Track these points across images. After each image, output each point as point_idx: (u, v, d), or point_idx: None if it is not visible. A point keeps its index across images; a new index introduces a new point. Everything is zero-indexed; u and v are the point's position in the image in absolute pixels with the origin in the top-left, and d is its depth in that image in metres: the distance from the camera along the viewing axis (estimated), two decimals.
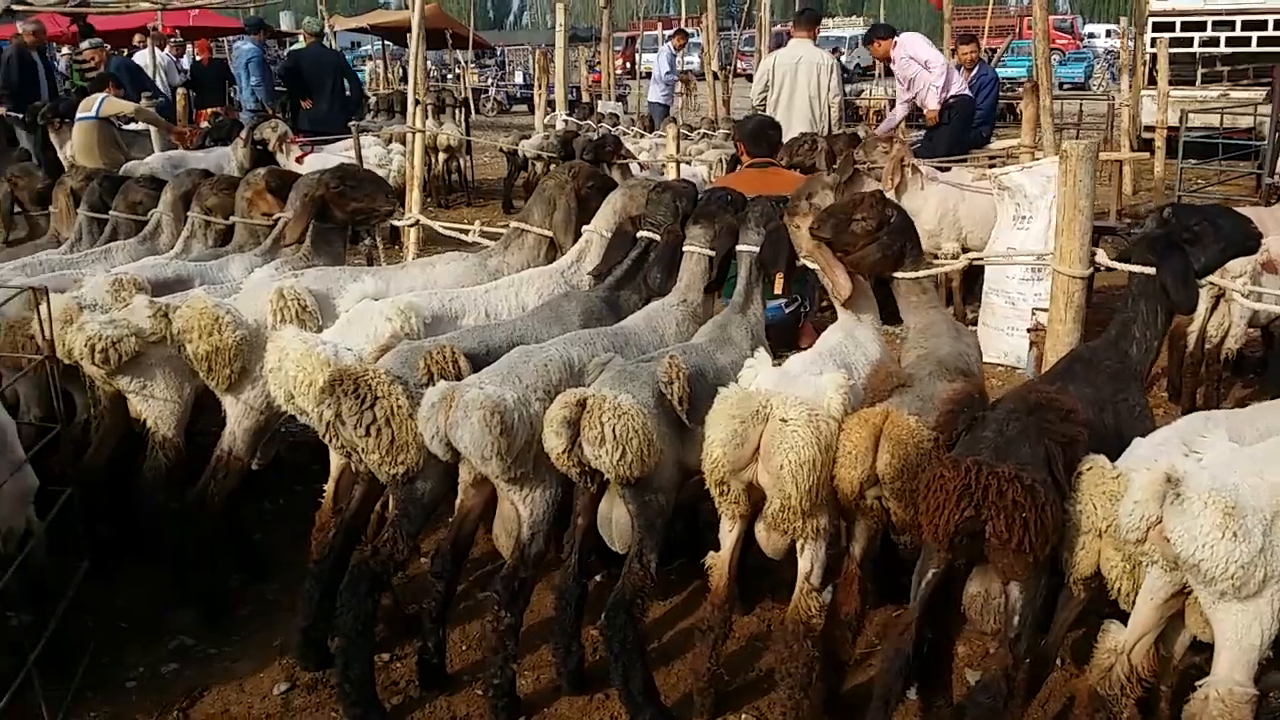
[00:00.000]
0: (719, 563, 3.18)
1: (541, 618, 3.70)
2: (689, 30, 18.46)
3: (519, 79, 35.02)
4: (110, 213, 5.07)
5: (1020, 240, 6.72)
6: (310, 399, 3.21)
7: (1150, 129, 12.96)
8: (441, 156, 13.56)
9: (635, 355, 3.36)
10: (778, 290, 3.60)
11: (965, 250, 7.14)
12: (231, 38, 20.77)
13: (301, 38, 13.90)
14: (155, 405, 3.80)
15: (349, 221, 4.54)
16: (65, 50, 15.07)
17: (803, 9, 10.08)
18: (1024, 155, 7.31)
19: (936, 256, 6.42)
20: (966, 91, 9.40)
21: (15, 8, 12.32)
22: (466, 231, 4.72)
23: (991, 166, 7.81)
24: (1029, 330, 5.08)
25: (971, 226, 7.35)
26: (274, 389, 3.41)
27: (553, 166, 12.57)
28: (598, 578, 3.91)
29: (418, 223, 4.96)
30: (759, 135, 6.02)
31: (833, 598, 3.13)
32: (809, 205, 3.68)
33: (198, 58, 15.78)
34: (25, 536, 3.40)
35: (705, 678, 3.22)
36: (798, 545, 3.06)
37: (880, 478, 2.90)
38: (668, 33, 20.63)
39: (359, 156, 8.07)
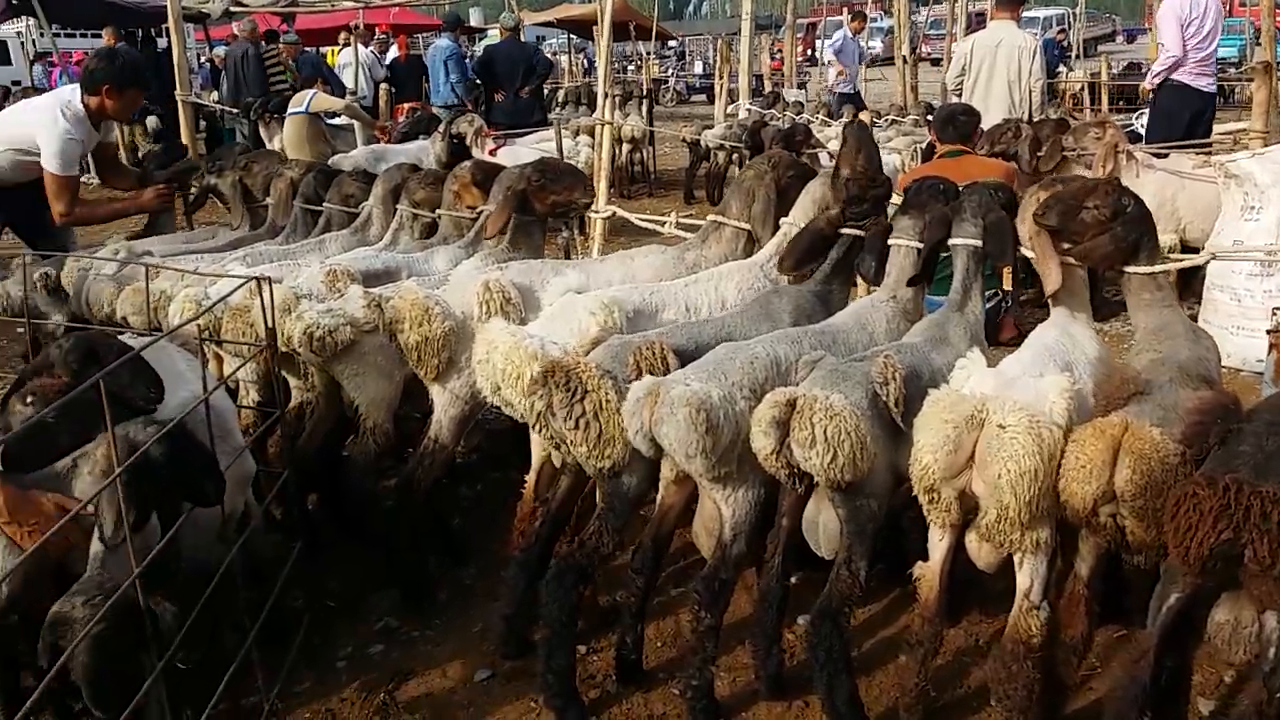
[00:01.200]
0: (928, 574, 3.03)
1: (737, 617, 3.62)
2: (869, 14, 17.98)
3: (698, 69, 35.06)
4: (324, 205, 5.27)
5: (1249, 233, 6.21)
6: (517, 391, 3.23)
7: None
8: (625, 148, 13.66)
9: (844, 354, 3.25)
10: (1007, 285, 3.41)
11: (1183, 243, 6.68)
12: (426, 35, 21.53)
13: (497, 32, 14.24)
14: (367, 392, 3.93)
15: (548, 214, 4.58)
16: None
17: None
18: (1254, 141, 6.74)
19: None
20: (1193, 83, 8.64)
21: (233, 10, 13.09)
22: (662, 223, 4.68)
23: (1211, 153, 7.27)
24: (1269, 332, 4.66)
25: (1191, 217, 6.84)
26: (480, 380, 3.45)
27: (734, 156, 12.56)
28: (793, 579, 3.81)
29: (613, 214, 4.94)
30: (949, 121, 5.76)
31: (1054, 617, 2.93)
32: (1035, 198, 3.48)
33: (397, 54, 16.44)
34: (244, 518, 3.57)
35: (913, 693, 3.08)
36: (1015, 559, 2.88)
37: (1118, 494, 2.69)
38: (877, 15, 20.08)
39: (560, 150, 8.18)
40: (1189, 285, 7.18)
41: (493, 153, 8.79)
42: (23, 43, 20.32)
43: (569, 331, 3.44)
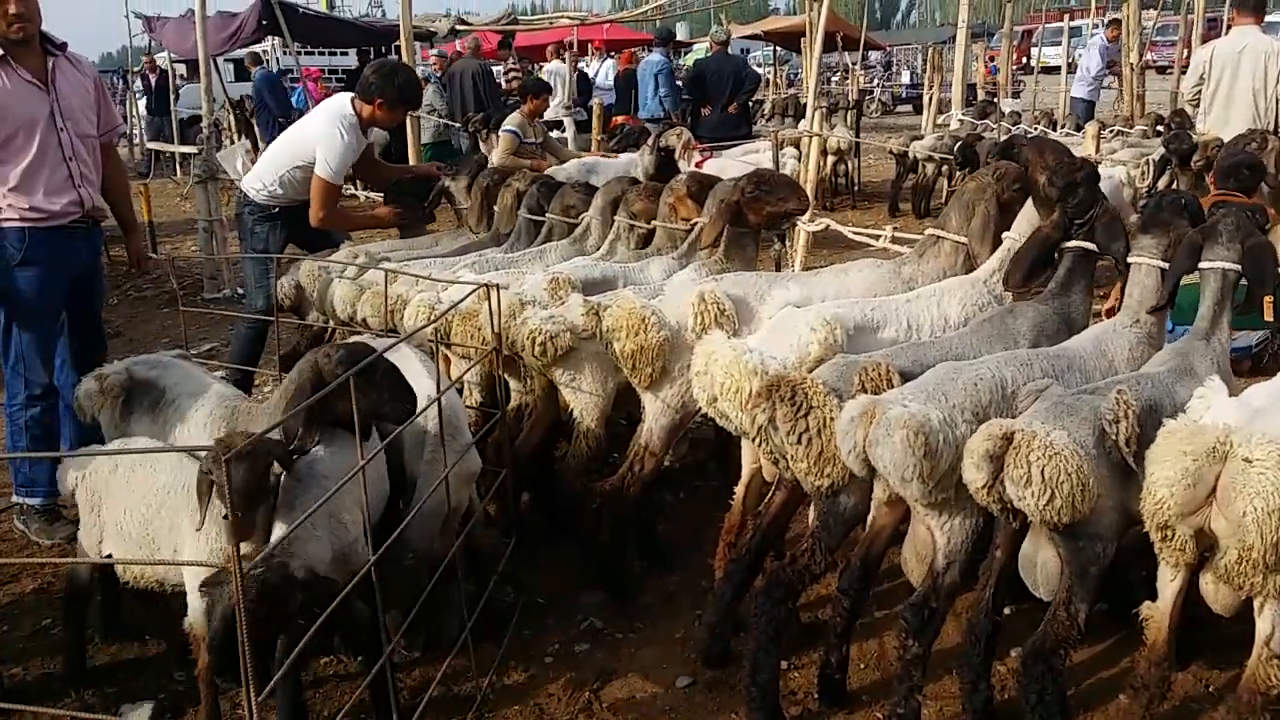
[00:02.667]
0: (1157, 615, 2.88)
1: (946, 647, 3.53)
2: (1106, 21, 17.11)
3: (905, 79, 34.34)
4: (546, 215, 5.47)
5: None
6: (736, 404, 3.27)
7: None
8: (830, 159, 13.53)
9: (1078, 381, 3.12)
10: (1269, 316, 3.19)
11: None
12: (640, 49, 22.01)
13: (707, 45, 14.40)
14: (582, 397, 4.05)
15: (762, 225, 4.59)
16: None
17: None
18: None
19: None
20: None
21: (459, 27, 13.77)
22: (876, 237, 4.61)
23: None
24: None
25: None
26: (697, 391, 3.50)
27: (944, 169, 12.23)
28: (1006, 610, 3.68)
29: (826, 227, 4.92)
30: (1233, 171, 5.39)
31: None
32: None
33: (619, 69, 16.88)
34: (468, 513, 3.75)
35: None
36: (1256, 604, 2.70)
37: None
38: (1097, 21, 19.16)
39: (775, 161, 8.20)
40: None
41: (699, 165, 8.88)
42: (266, 61, 21.98)
43: (789, 347, 3.44)
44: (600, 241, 5.24)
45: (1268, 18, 10.11)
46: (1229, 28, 9.28)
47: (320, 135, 5.51)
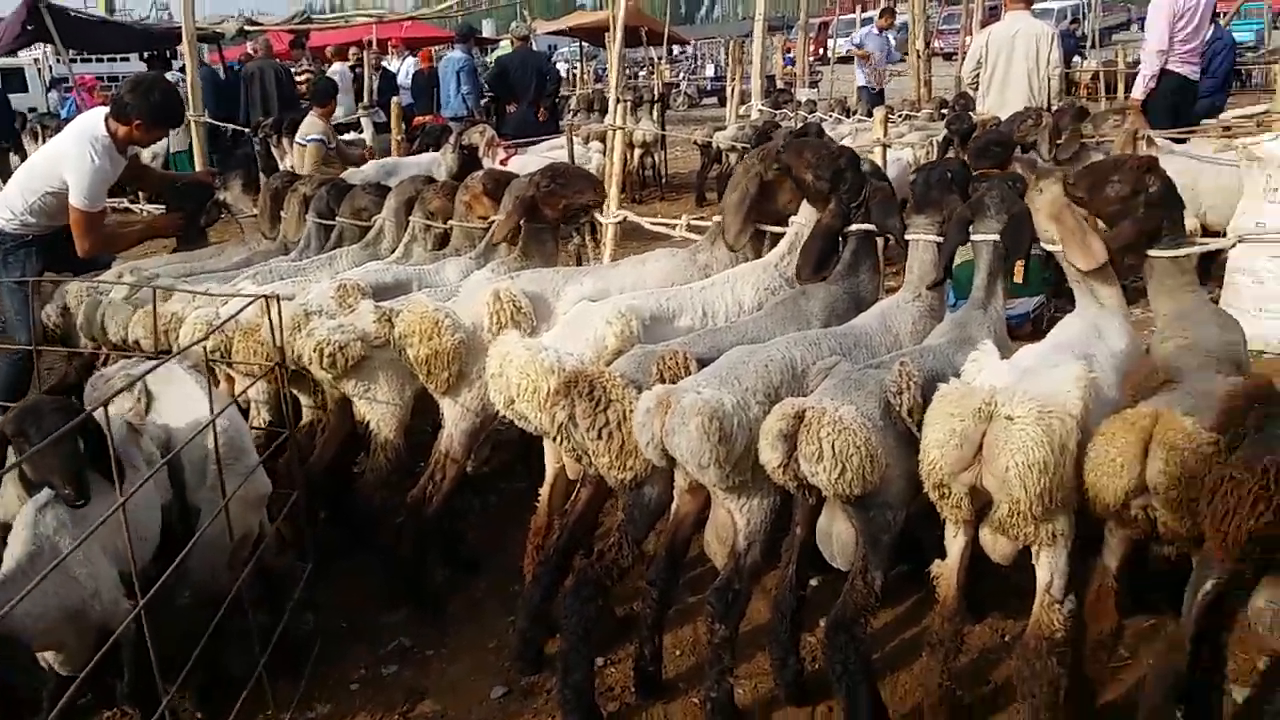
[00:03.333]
0: (946, 571, 2.96)
1: (757, 624, 3.55)
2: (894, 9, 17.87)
3: (710, 72, 35.01)
4: (336, 219, 5.24)
5: (1272, 214, 6.10)
6: (533, 404, 3.19)
7: None
8: (637, 152, 13.62)
9: (865, 357, 3.19)
10: (1018, 278, 3.33)
11: (1204, 228, 6.56)
12: (438, 48, 21.60)
13: (509, 41, 14.25)
14: (378, 408, 3.89)
15: (560, 219, 4.52)
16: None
17: None
18: (1277, 123, 6.63)
19: None
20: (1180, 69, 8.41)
21: (248, 28, 13.16)
22: (673, 226, 4.62)
23: (1233, 136, 7.15)
24: None
25: (1213, 201, 6.74)
26: (494, 394, 3.40)
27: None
28: (813, 582, 3.74)
29: (624, 219, 4.89)
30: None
31: (1078, 611, 2.83)
32: (1046, 183, 3.40)
33: (418, 68, 16.47)
34: (259, 538, 3.53)
35: (936, 694, 2.99)
36: (1033, 552, 2.81)
37: (1150, 487, 2.61)
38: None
39: (571, 155, 8.14)
40: (1207, 270, 7.06)
41: (504, 162, 8.75)
42: (39, 70, 20.51)
43: (585, 342, 3.39)
44: (395, 244, 5.06)
45: (1038, 4, 10.68)
46: (1002, 13, 9.79)
47: (70, 160, 5.05)
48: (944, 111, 12.14)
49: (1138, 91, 8.19)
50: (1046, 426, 2.60)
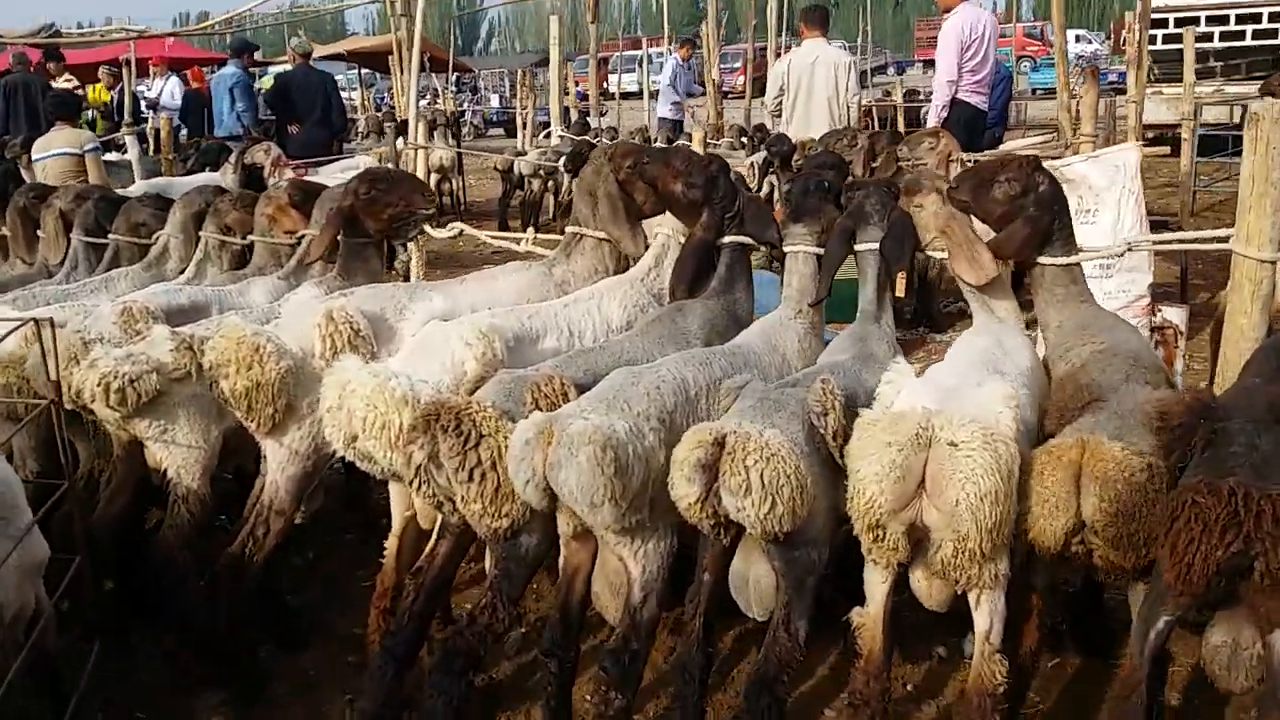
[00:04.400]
0: (869, 620, 2.64)
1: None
2: (695, 40, 18.07)
3: (495, 102, 34.61)
4: (110, 236, 4.51)
5: (1084, 235, 6.24)
6: (382, 442, 2.70)
7: (1153, 127, 12.77)
8: (434, 177, 13.01)
9: (757, 379, 2.86)
10: (900, 292, 3.11)
11: None
12: (208, 69, 20.22)
13: (290, 58, 13.34)
14: (178, 452, 3.25)
15: (385, 231, 4.01)
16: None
17: (812, 5, 9.62)
18: (1085, 145, 6.88)
19: None
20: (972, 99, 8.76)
21: None
22: (518, 242, 4.19)
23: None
24: (1155, 329, 4.60)
25: None
26: (330, 431, 2.88)
27: (549, 184, 12.16)
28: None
29: (461, 232, 4.42)
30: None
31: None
32: (929, 184, 3.21)
33: (190, 86, 15.27)
34: (34, 615, 2.83)
35: None
36: (971, 597, 2.54)
37: (1087, 524, 2.40)
38: (665, 50, 20.24)
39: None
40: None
41: None
42: None
43: (441, 367, 2.92)
44: (183, 264, 4.41)
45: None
46: (800, 42, 9.90)
47: None
48: (743, 140, 12.26)
49: (931, 121, 8.40)
50: (994, 452, 2.35)
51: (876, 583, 2.62)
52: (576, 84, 26.15)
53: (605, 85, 35.41)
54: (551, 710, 2.76)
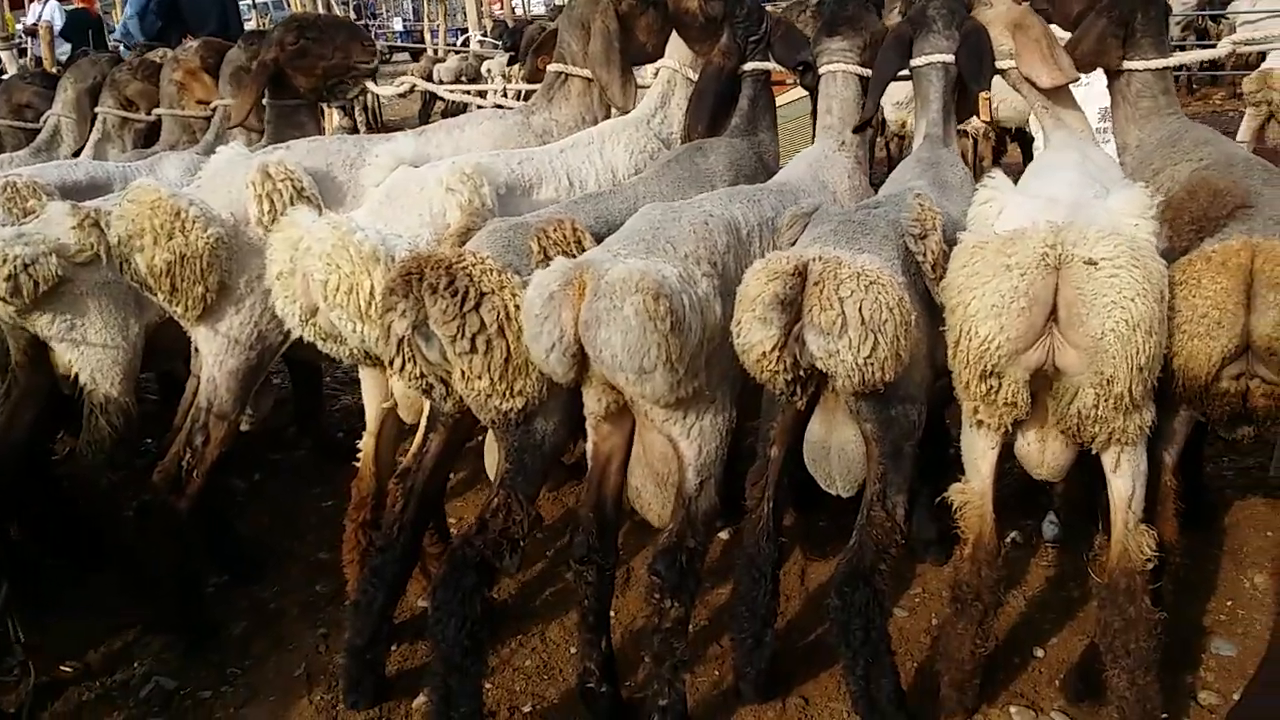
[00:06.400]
0: (975, 496, 2.17)
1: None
2: None
3: (398, 25, 33.12)
4: None
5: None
6: (352, 311, 2.13)
7: None
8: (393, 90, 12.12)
9: None
10: (984, 116, 2.60)
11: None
12: None
13: None
14: (91, 353, 2.66)
15: (319, 89, 3.36)
16: None
17: None
18: None
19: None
20: None
21: None
22: (483, 95, 3.57)
23: None
24: None
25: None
26: (283, 304, 2.30)
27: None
28: (724, 535, 2.90)
29: (413, 88, 3.77)
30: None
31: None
32: None
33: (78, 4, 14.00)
34: None
35: (968, 667, 2.21)
36: (1108, 459, 2.06)
37: (1260, 347, 1.93)
38: None
39: None
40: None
41: None
42: None
43: (418, 218, 2.35)
44: (79, 145, 3.75)
45: None
46: None
47: None
48: None
49: None
50: (1144, 270, 1.86)
51: (983, 450, 2.14)
52: (491, 5, 25.02)
53: (514, 7, 34.28)
54: (590, 627, 2.23)
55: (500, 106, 3.55)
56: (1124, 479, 2.04)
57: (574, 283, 1.95)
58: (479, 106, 4.09)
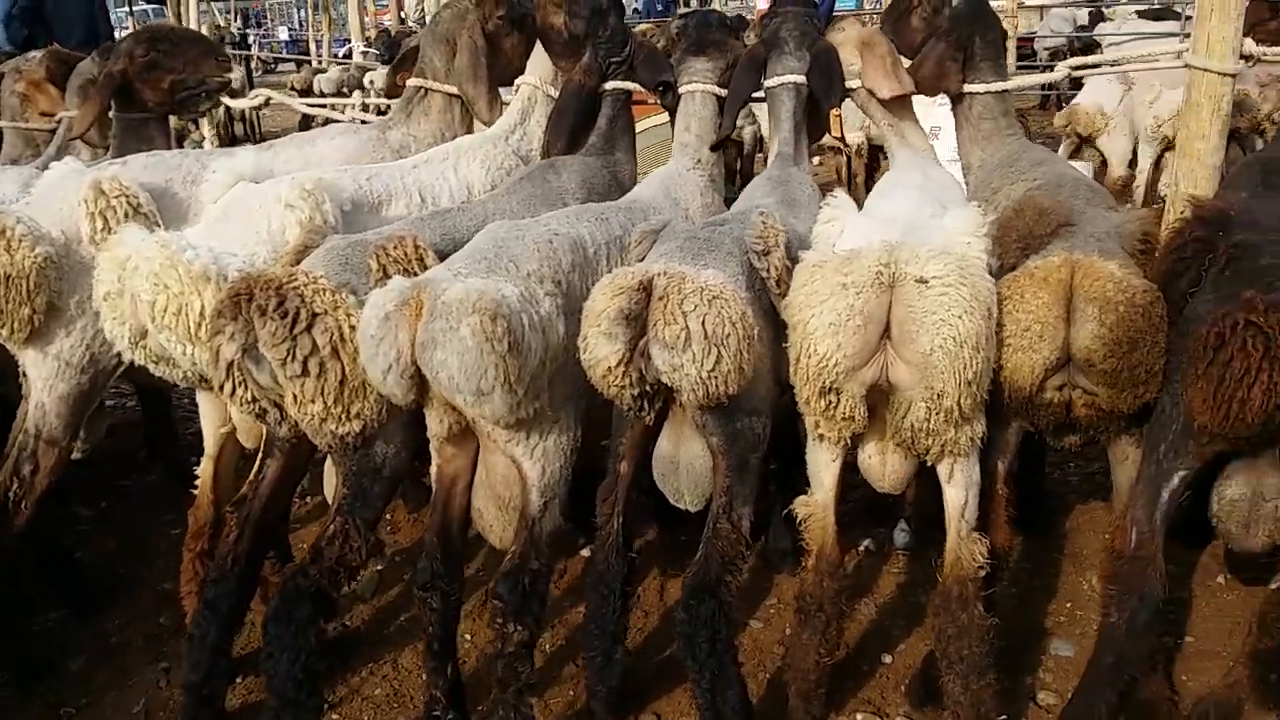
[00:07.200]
0: (818, 509, 2.19)
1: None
2: None
3: (284, 35, 32.40)
4: None
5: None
6: (181, 333, 2.05)
7: None
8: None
9: None
10: (835, 132, 2.65)
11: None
12: None
13: None
14: None
15: (168, 103, 3.24)
16: None
17: None
18: None
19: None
20: None
21: None
22: (341, 109, 3.50)
23: None
24: None
25: None
26: (111, 326, 2.20)
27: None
28: (585, 552, 2.89)
29: (268, 100, 3.66)
30: None
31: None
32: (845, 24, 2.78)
33: None
34: None
35: (812, 677, 2.23)
36: (943, 469, 2.11)
37: (1077, 358, 2.00)
38: None
39: None
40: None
41: None
42: None
43: (255, 236, 2.28)
44: None
45: None
46: None
47: None
48: None
49: None
50: (972, 288, 1.91)
51: (825, 463, 2.17)
52: (376, 16, 24.66)
53: (403, 14, 33.88)
54: (435, 655, 2.18)
55: (361, 121, 3.45)
56: (957, 489, 2.10)
57: (411, 302, 1.91)
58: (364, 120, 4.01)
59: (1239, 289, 1.80)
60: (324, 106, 3.71)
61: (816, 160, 7.96)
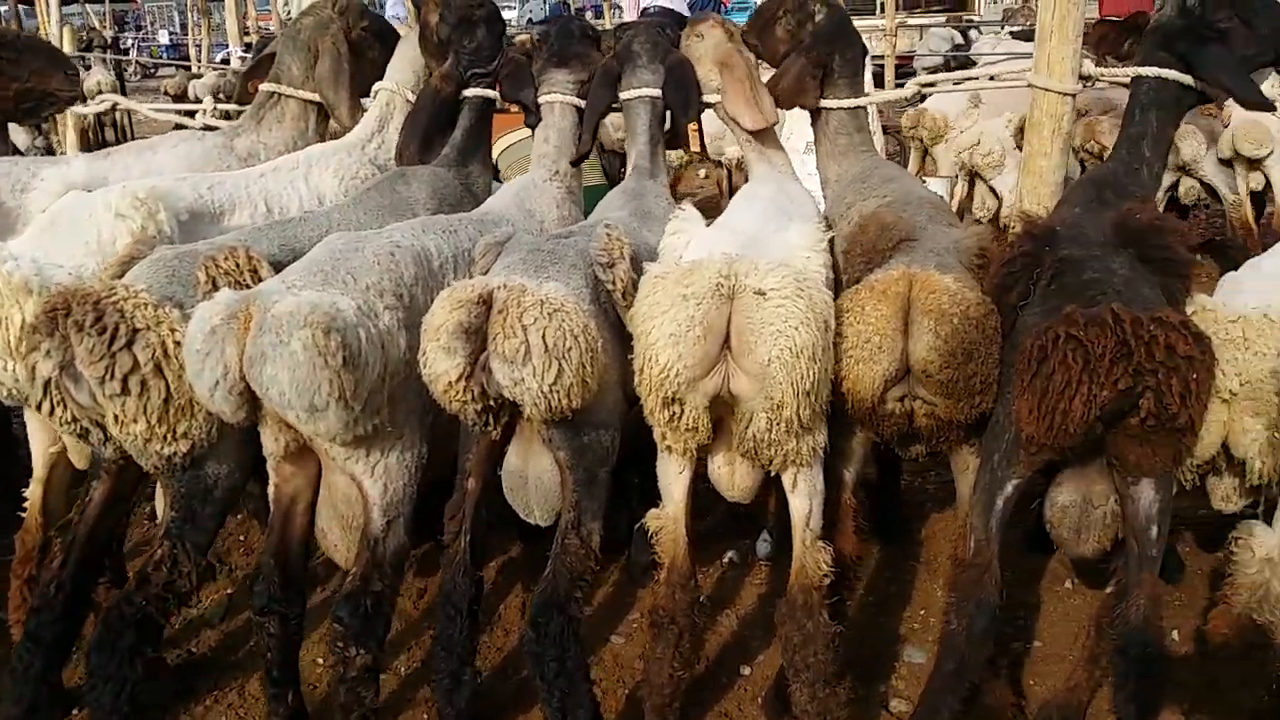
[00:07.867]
0: (669, 522, 2.17)
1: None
2: None
3: (164, 39, 31.40)
4: None
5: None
6: (1, 347, 1.94)
7: None
8: (91, 116, 11.34)
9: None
10: (695, 147, 2.66)
11: None
12: None
13: None
14: None
15: (10, 112, 3.09)
16: None
17: None
18: None
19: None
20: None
21: None
22: (193, 115, 3.37)
23: None
24: None
25: None
26: None
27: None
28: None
29: (115, 106, 3.51)
30: None
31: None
32: (705, 27, 2.78)
33: None
34: None
35: (666, 691, 2.21)
36: (787, 479, 2.11)
37: (916, 369, 2.03)
38: None
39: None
40: None
41: None
42: None
43: (83, 247, 2.18)
44: None
45: None
46: None
47: None
48: None
49: None
50: (809, 300, 1.92)
51: (675, 474, 2.15)
52: (259, 20, 24.08)
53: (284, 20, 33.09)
54: (275, 682, 2.11)
55: (210, 128, 3.33)
56: (801, 498, 2.10)
57: (239, 316, 1.85)
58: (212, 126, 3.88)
59: (1062, 303, 1.85)
60: (175, 112, 3.57)
61: (703, 173, 8.05)
